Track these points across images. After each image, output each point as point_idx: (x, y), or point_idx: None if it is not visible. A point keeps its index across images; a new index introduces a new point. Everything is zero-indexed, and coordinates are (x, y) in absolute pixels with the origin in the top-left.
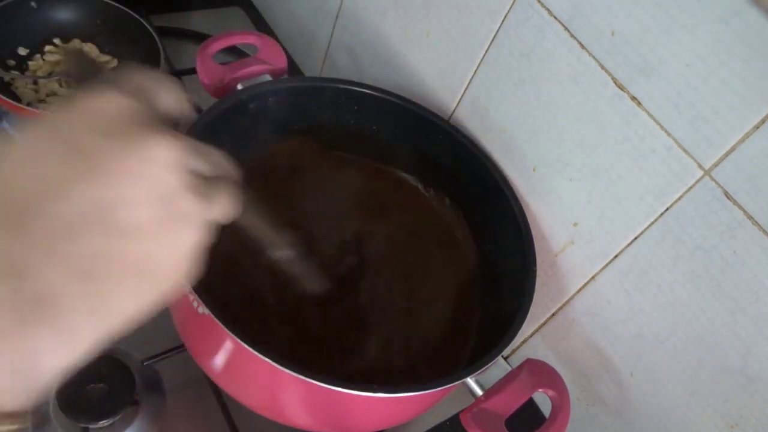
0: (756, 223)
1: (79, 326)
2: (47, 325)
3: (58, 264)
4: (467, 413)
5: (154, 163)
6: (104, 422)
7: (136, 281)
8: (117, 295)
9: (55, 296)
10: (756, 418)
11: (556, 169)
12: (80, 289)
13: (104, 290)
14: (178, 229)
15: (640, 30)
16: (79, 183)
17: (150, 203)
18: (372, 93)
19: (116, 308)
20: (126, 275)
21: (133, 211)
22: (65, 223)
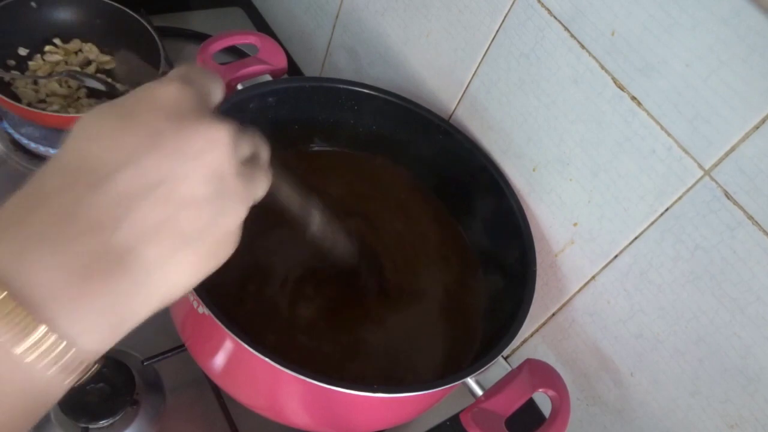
0: (756, 223)
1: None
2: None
3: (131, 224)
4: (467, 413)
5: (210, 144)
6: (104, 422)
7: (194, 248)
8: (178, 258)
9: (128, 252)
10: (756, 418)
11: (556, 169)
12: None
13: (167, 252)
14: (229, 206)
15: (640, 30)
16: (148, 158)
17: (206, 181)
18: (372, 93)
19: (177, 270)
20: (185, 242)
21: (192, 186)
22: (136, 190)
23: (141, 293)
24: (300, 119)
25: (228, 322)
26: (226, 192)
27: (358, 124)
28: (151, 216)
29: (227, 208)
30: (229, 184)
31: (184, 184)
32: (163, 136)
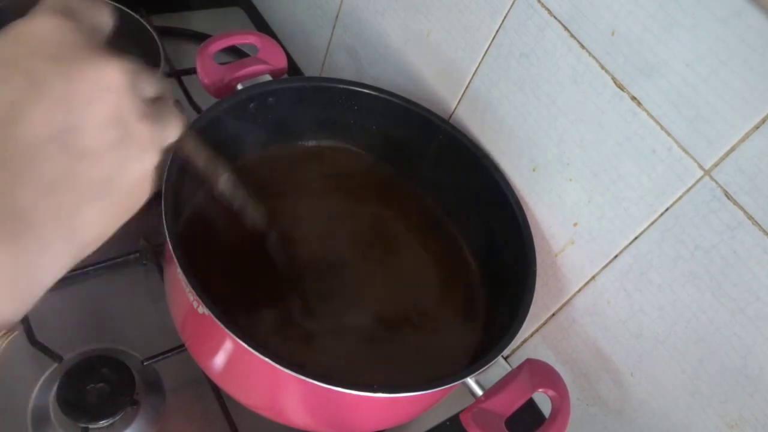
0: (756, 223)
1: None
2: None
3: (25, 183)
4: (467, 413)
5: (106, 87)
6: (104, 422)
7: (100, 199)
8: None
9: (28, 212)
10: (756, 418)
11: (556, 169)
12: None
13: (70, 206)
14: (135, 152)
15: (640, 30)
16: (36, 109)
17: (104, 127)
18: (372, 93)
19: (85, 223)
20: (89, 193)
21: (89, 135)
22: (27, 146)
23: (46, 255)
24: (300, 119)
25: (228, 322)
26: (129, 137)
27: (358, 124)
28: (45, 173)
29: (133, 154)
30: (132, 128)
31: (77, 133)
32: (47, 83)
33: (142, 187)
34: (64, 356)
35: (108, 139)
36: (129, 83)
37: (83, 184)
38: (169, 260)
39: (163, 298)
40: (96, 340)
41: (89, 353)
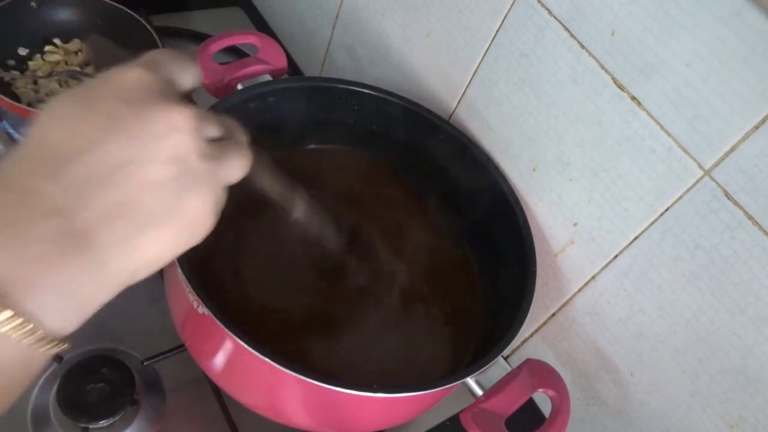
0: (756, 223)
1: (111, 259)
2: (87, 255)
3: (91, 207)
4: (467, 413)
5: (173, 128)
6: (104, 422)
7: (160, 228)
8: (142, 238)
9: (91, 233)
10: (756, 418)
11: (556, 169)
12: (111, 229)
13: (131, 231)
14: (195, 187)
15: (640, 30)
16: (108, 142)
17: (167, 163)
18: (372, 93)
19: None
20: (149, 221)
21: (153, 169)
22: (96, 174)
23: (102, 273)
24: (300, 119)
25: (228, 322)
26: (189, 174)
27: (358, 124)
28: (110, 199)
29: (192, 189)
30: (193, 165)
31: (144, 167)
32: (122, 121)
33: (201, 220)
34: (64, 356)
35: (168, 174)
36: (193, 126)
37: (144, 212)
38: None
39: (163, 298)
40: (96, 340)
41: (89, 353)
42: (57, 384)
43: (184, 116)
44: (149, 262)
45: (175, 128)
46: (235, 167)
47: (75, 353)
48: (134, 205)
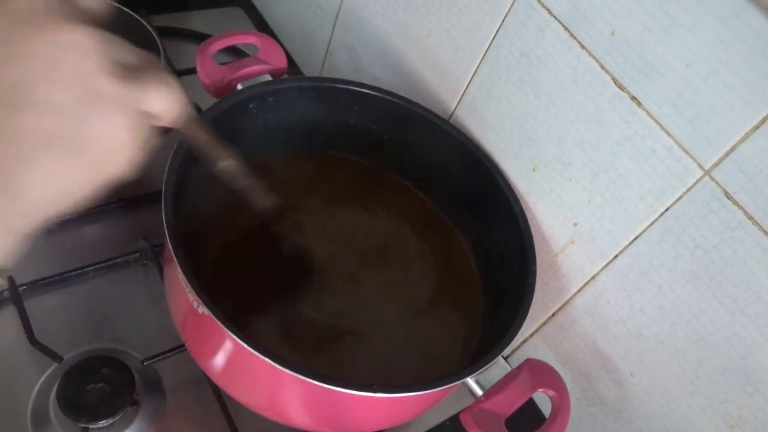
0: (756, 223)
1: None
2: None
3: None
4: (467, 413)
5: (67, 47)
6: (104, 422)
7: (64, 152)
8: (46, 163)
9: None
10: (756, 418)
11: (556, 169)
12: (13, 154)
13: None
14: (103, 111)
15: (640, 30)
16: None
17: (65, 84)
18: (372, 93)
19: (51, 176)
20: (50, 145)
21: (48, 90)
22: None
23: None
24: (300, 119)
25: (228, 322)
26: (93, 95)
27: (357, 124)
28: (8, 123)
29: (98, 111)
30: (98, 86)
31: (41, 89)
32: (13, 43)
33: (114, 147)
34: (64, 356)
35: (68, 96)
36: (94, 44)
37: (42, 134)
38: (169, 260)
39: (163, 298)
40: (96, 340)
41: (89, 353)
42: (57, 384)
43: (83, 34)
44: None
45: (72, 47)
46: (154, 94)
47: (75, 353)
48: (31, 128)
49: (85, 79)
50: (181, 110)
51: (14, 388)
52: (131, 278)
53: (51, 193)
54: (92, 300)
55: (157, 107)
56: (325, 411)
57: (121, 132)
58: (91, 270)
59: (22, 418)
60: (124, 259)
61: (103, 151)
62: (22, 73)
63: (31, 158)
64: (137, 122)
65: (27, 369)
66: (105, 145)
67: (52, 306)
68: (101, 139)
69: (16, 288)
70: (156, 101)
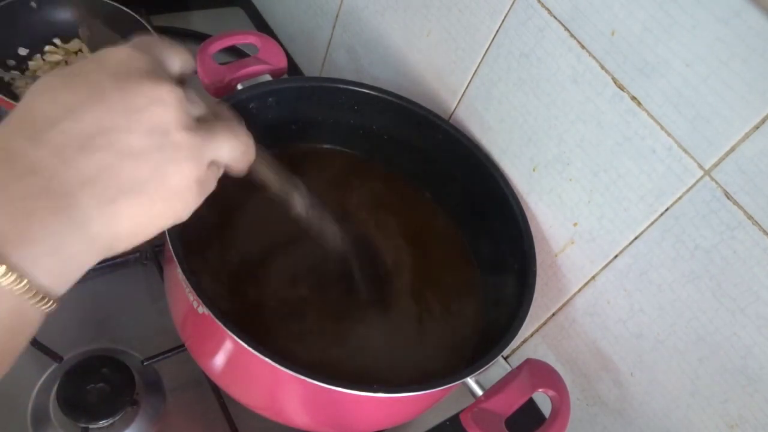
0: (756, 223)
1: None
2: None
3: (72, 169)
4: (467, 413)
5: (154, 100)
6: (104, 422)
7: (139, 195)
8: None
9: (72, 194)
10: (756, 418)
11: (556, 169)
12: (91, 191)
13: (110, 194)
14: (177, 159)
15: (640, 30)
16: (89, 111)
17: (148, 133)
18: (372, 93)
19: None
20: (128, 188)
21: (132, 137)
22: (76, 140)
23: (84, 233)
24: (300, 119)
25: (228, 322)
26: (170, 145)
27: (358, 124)
28: (90, 163)
29: (173, 161)
30: (175, 137)
31: (123, 135)
32: (104, 92)
33: (183, 193)
34: (64, 356)
35: (148, 144)
36: (176, 100)
37: (123, 179)
38: (169, 260)
39: (163, 298)
40: (96, 340)
41: (89, 353)
42: (57, 384)
43: (167, 90)
44: (131, 230)
45: (157, 101)
46: (223, 145)
47: (75, 353)
48: (113, 172)
49: (164, 130)
50: (248, 158)
51: (14, 388)
52: (131, 278)
53: (122, 232)
54: (92, 300)
55: (225, 157)
56: (325, 411)
57: (189, 180)
58: (90, 270)
59: (22, 418)
60: (124, 259)
61: (173, 194)
62: (109, 121)
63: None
64: (205, 171)
65: (27, 369)
66: (175, 189)
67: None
68: (173, 184)
69: None
70: (224, 152)
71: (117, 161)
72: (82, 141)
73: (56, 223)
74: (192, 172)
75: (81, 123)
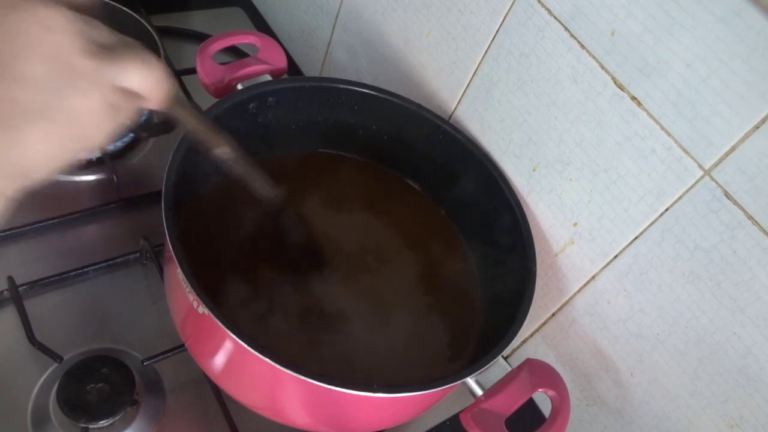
0: (756, 223)
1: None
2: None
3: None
4: (467, 413)
5: (44, 26)
6: (104, 422)
7: (40, 123)
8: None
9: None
10: (756, 418)
11: (556, 169)
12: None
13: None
14: (77, 84)
15: (640, 30)
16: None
17: (40, 59)
18: (372, 93)
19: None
20: (27, 116)
21: (27, 65)
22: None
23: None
24: (300, 119)
25: (228, 322)
26: (68, 70)
27: (358, 124)
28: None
29: (71, 85)
30: (72, 62)
31: (17, 62)
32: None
33: (88, 119)
34: (64, 356)
35: (44, 70)
36: (71, 25)
37: (19, 106)
38: (169, 260)
39: (163, 298)
40: (96, 340)
41: (89, 353)
42: (57, 384)
43: (61, 15)
44: (42, 155)
45: (49, 27)
46: (130, 71)
47: (75, 353)
48: (9, 99)
49: (60, 55)
50: (162, 90)
51: (14, 388)
52: (131, 278)
53: (32, 158)
54: (92, 300)
55: (134, 83)
56: (325, 411)
57: (95, 105)
58: (91, 270)
59: (22, 418)
60: (124, 259)
61: (79, 122)
62: (5, 49)
63: (10, 126)
64: (113, 97)
65: (27, 369)
66: (80, 117)
67: (52, 306)
68: (76, 111)
69: (16, 288)
70: (132, 77)
71: (13, 89)
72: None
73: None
74: (95, 95)
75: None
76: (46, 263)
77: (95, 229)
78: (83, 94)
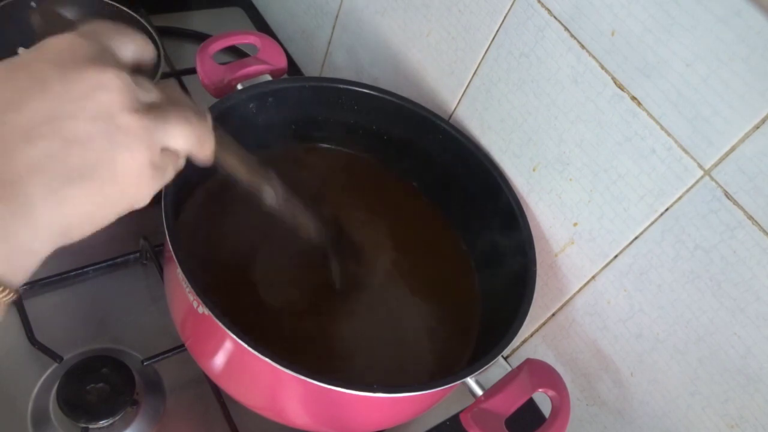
0: (756, 223)
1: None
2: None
3: (16, 160)
4: (467, 413)
5: (98, 86)
6: (104, 422)
7: (86, 183)
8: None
9: (19, 183)
10: (756, 418)
11: (556, 169)
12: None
13: (58, 181)
14: (124, 143)
15: (640, 30)
16: (32, 101)
17: (92, 119)
18: (372, 93)
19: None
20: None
21: (76, 125)
22: (20, 131)
23: (33, 221)
24: (300, 119)
25: (228, 322)
26: (117, 130)
27: (358, 124)
28: (35, 152)
29: (120, 145)
30: (121, 122)
31: (68, 122)
32: (46, 82)
33: (133, 179)
34: (64, 356)
35: (94, 130)
36: (122, 85)
37: (68, 166)
38: (169, 260)
39: (163, 298)
40: (96, 340)
41: (89, 353)
42: (57, 384)
43: (111, 75)
44: (84, 216)
45: (101, 87)
46: (175, 131)
47: (75, 353)
48: (59, 159)
49: (110, 115)
50: (205, 150)
51: (14, 388)
52: (131, 278)
53: (74, 218)
54: (92, 300)
55: (180, 144)
56: (325, 411)
57: (141, 165)
58: (91, 270)
59: (22, 418)
60: (124, 259)
61: (123, 180)
62: (53, 109)
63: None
64: (158, 157)
65: (27, 369)
66: (124, 174)
67: (52, 306)
68: (123, 171)
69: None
70: (178, 138)
71: (62, 149)
72: (26, 131)
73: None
74: (142, 156)
75: (23, 113)
76: (46, 263)
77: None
78: (130, 154)
